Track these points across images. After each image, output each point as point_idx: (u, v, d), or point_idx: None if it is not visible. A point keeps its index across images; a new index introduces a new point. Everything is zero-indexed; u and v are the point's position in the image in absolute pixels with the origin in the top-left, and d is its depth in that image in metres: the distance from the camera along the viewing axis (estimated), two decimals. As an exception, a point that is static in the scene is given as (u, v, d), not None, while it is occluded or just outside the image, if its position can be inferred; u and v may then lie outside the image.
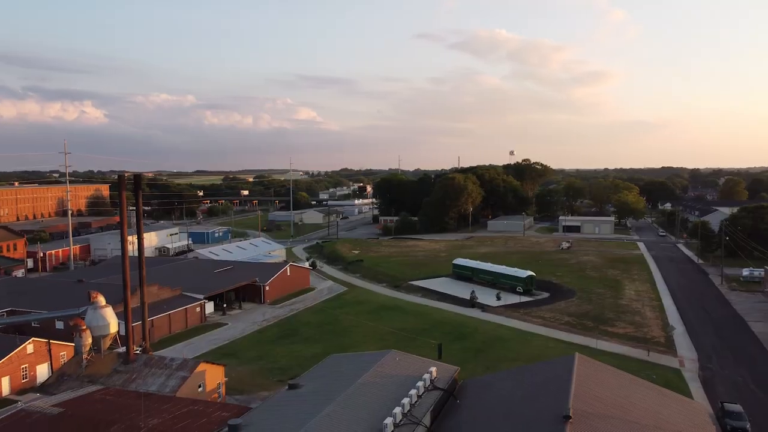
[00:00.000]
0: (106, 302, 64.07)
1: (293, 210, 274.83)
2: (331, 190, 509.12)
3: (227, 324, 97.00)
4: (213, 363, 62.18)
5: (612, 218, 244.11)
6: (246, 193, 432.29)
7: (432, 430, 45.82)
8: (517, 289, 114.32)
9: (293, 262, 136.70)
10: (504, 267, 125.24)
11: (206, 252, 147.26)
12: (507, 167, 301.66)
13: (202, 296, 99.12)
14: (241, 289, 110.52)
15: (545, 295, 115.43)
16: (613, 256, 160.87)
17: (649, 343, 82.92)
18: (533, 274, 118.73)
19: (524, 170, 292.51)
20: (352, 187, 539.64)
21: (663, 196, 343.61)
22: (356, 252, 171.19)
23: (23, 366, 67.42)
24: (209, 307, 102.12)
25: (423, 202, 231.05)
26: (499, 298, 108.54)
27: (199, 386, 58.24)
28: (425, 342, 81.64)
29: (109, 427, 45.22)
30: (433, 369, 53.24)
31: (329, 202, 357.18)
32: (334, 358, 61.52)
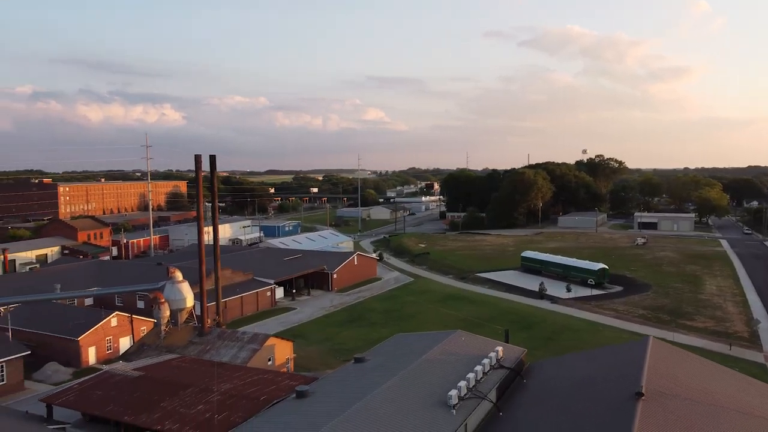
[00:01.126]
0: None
1: (361, 207, 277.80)
2: (398, 188, 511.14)
3: (296, 308, 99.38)
4: (282, 338, 63.88)
5: (692, 215, 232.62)
6: (315, 190, 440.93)
7: (498, 406, 45.25)
8: (589, 282, 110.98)
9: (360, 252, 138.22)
10: (575, 259, 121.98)
11: (276, 242, 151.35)
12: (579, 163, 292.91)
13: (272, 281, 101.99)
14: (309, 276, 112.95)
15: (618, 288, 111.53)
16: (693, 253, 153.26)
17: (732, 338, 78.64)
18: (606, 267, 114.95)
19: (597, 167, 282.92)
20: (419, 185, 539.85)
21: (749, 194, 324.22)
22: (423, 245, 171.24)
23: (108, 338, 71.60)
24: (279, 292, 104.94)
25: (491, 197, 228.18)
26: (569, 290, 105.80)
27: (269, 360, 60.01)
28: (492, 329, 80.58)
29: (184, 389, 47.37)
30: (500, 348, 52.63)
31: (396, 199, 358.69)
32: (400, 336, 61.89)
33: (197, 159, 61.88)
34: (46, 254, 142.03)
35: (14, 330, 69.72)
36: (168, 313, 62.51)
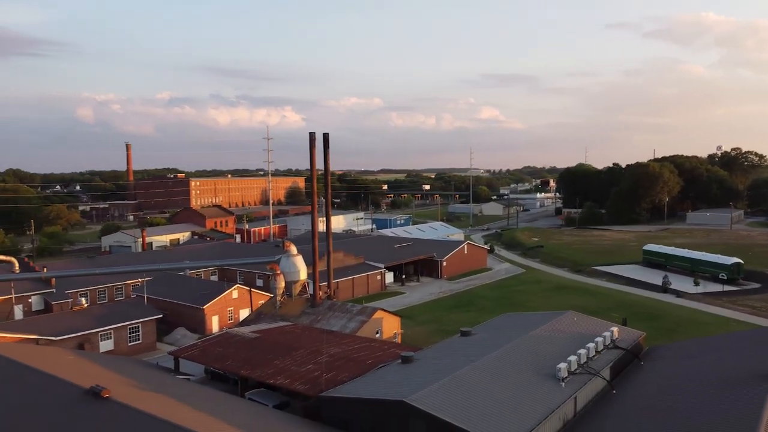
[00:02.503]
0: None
1: (472, 203, 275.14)
2: (512, 185, 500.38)
3: (405, 293, 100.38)
4: (390, 313, 64.78)
5: None
6: (427, 187, 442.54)
7: (612, 385, 42.97)
8: (720, 276, 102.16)
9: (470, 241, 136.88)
10: (704, 253, 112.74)
11: (387, 232, 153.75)
12: (711, 157, 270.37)
13: (382, 265, 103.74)
14: (419, 263, 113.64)
15: (755, 285, 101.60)
16: None
17: None
18: (741, 261, 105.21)
19: (734, 161, 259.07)
20: (534, 183, 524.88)
21: None
22: (536, 239, 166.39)
23: (229, 308, 76.43)
24: (389, 277, 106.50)
25: (611, 192, 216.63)
26: (697, 284, 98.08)
27: (377, 332, 61.07)
28: (608, 317, 76.46)
29: (296, 350, 49.47)
30: (615, 329, 49.96)
31: (510, 196, 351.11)
32: (508, 315, 60.64)
33: (311, 137, 64.26)
34: (179, 239, 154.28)
35: (149, 298, 76.43)
36: (283, 284, 65.56)
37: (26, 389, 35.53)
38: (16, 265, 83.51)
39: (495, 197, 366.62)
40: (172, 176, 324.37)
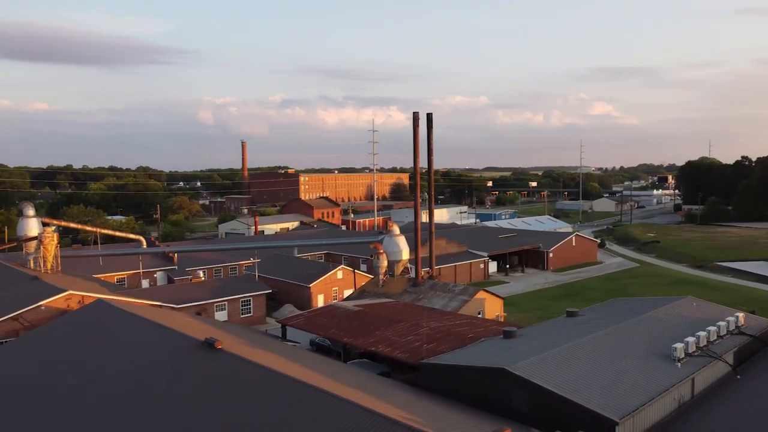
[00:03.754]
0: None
1: (582, 200, 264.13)
2: (626, 183, 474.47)
3: (509, 282, 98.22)
4: (494, 294, 63.70)
5: None
6: (534, 184, 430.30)
7: (737, 370, 39.54)
8: None
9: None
10: None
11: (491, 224, 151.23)
12: None
13: (486, 254, 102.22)
14: (524, 253, 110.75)
15: None
16: None
17: None
18: None
19: None
20: (650, 180, 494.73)
21: None
22: (652, 235, 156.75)
23: (334, 288, 78.55)
24: (492, 266, 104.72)
25: (739, 186, 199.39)
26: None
27: (479, 312, 60.26)
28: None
29: (397, 323, 49.94)
30: (740, 314, 45.91)
31: (624, 193, 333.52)
32: (619, 299, 57.59)
33: (415, 116, 64.51)
34: (288, 227, 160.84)
35: (260, 276, 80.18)
36: (386, 263, 66.40)
37: (156, 340, 38.89)
38: (144, 243, 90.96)
39: (607, 194, 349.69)
40: (282, 171, 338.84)
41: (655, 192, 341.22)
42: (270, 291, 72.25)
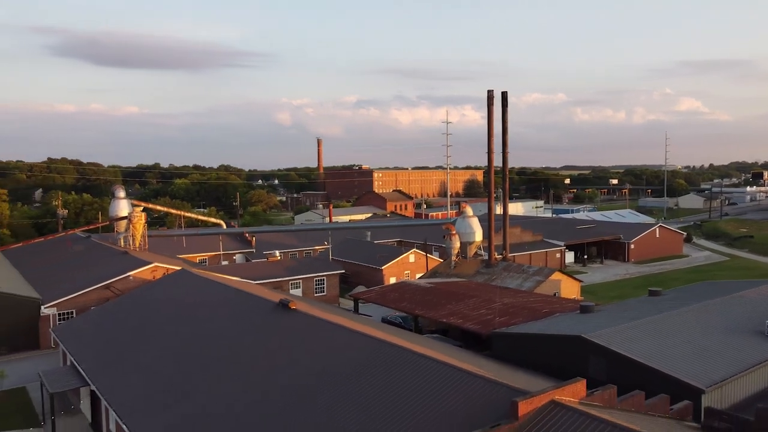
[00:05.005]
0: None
1: (667, 197, 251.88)
2: (715, 180, 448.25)
3: (587, 273, 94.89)
4: (570, 276, 61.77)
5: None
6: (615, 182, 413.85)
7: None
8: None
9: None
10: None
11: (568, 217, 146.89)
12: None
13: (562, 243, 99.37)
14: (603, 244, 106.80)
15: None
16: None
17: None
18: None
19: None
20: (743, 177, 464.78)
21: None
22: (744, 230, 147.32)
23: (405, 271, 78.62)
24: (569, 256, 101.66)
25: None
26: None
27: (554, 294, 58.53)
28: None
29: (468, 298, 49.35)
30: None
31: (713, 190, 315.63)
32: (708, 282, 54.39)
33: (489, 95, 63.51)
34: (360, 219, 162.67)
35: (334, 259, 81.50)
36: (458, 244, 65.81)
37: (240, 303, 40.73)
38: (224, 226, 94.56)
39: (695, 191, 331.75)
40: (357, 168, 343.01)
41: (748, 189, 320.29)
42: (343, 271, 73.23)
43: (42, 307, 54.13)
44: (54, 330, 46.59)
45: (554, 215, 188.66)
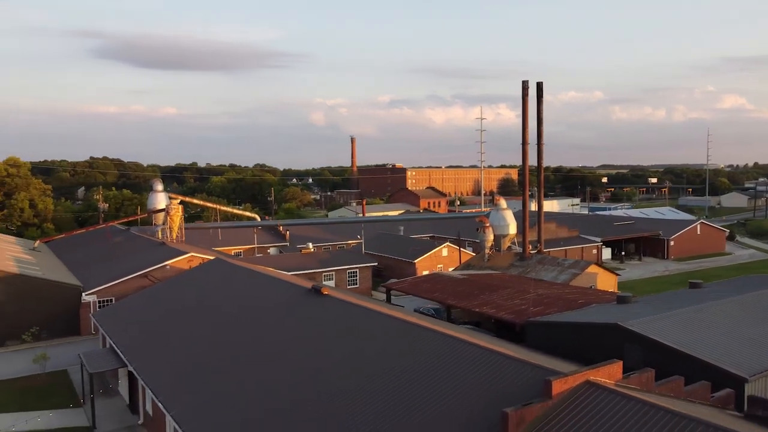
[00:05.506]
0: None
1: (709, 195, 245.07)
2: (760, 179, 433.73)
3: (624, 269, 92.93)
4: (607, 269, 60.54)
5: None
6: (654, 181, 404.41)
7: None
8: None
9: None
10: None
11: (605, 213, 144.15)
12: None
13: (599, 239, 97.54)
14: (641, 241, 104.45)
15: None
16: None
17: None
18: None
19: None
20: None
21: None
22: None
23: (438, 265, 78.21)
24: (606, 252, 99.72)
25: None
26: None
27: (590, 287, 57.40)
28: None
29: (502, 289, 48.79)
30: None
31: (758, 188, 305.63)
32: (752, 276, 52.60)
33: (524, 85, 62.67)
34: (393, 215, 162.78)
35: (367, 253, 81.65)
36: (491, 237, 65.14)
37: (272, 289, 41.27)
38: (258, 219, 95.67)
39: (738, 190, 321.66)
40: (390, 167, 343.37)
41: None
42: (376, 264, 73.30)
43: (83, 294, 55.66)
44: (94, 315, 47.83)
45: (591, 213, 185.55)
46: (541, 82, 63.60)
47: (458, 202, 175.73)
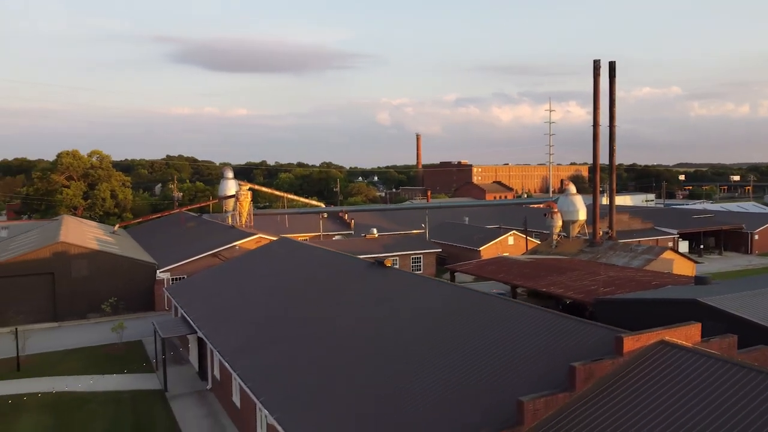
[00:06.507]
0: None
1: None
2: None
3: (702, 263, 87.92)
4: (684, 256, 57.62)
5: None
6: (737, 178, 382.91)
7: None
8: None
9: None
10: None
11: (682, 207, 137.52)
12: None
13: (675, 231, 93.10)
14: (722, 234, 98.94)
15: None
16: None
17: None
18: None
19: None
20: None
21: None
22: None
23: (504, 253, 76.67)
24: (683, 246, 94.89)
25: None
26: None
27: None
28: None
29: (571, 271, 47.25)
30: None
31: None
32: None
33: (595, 65, 60.48)
34: (458, 201, 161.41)
35: (431, 241, 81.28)
36: (560, 223, 63.36)
37: (336, 264, 41.69)
38: (324, 206, 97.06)
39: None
40: (456, 163, 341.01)
41: None
42: (440, 250, 72.77)
43: (157, 271, 58.12)
44: (167, 288, 49.81)
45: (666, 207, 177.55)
46: (614, 62, 61.24)
47: (526, 196, 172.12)
